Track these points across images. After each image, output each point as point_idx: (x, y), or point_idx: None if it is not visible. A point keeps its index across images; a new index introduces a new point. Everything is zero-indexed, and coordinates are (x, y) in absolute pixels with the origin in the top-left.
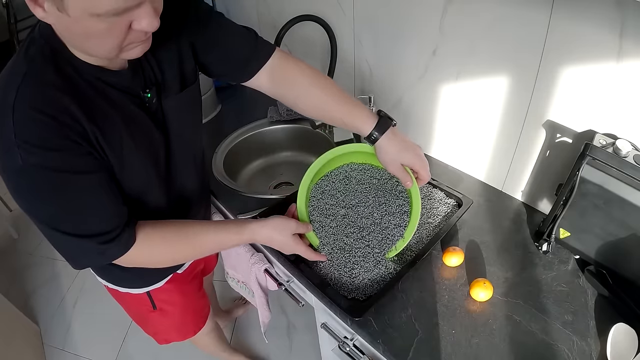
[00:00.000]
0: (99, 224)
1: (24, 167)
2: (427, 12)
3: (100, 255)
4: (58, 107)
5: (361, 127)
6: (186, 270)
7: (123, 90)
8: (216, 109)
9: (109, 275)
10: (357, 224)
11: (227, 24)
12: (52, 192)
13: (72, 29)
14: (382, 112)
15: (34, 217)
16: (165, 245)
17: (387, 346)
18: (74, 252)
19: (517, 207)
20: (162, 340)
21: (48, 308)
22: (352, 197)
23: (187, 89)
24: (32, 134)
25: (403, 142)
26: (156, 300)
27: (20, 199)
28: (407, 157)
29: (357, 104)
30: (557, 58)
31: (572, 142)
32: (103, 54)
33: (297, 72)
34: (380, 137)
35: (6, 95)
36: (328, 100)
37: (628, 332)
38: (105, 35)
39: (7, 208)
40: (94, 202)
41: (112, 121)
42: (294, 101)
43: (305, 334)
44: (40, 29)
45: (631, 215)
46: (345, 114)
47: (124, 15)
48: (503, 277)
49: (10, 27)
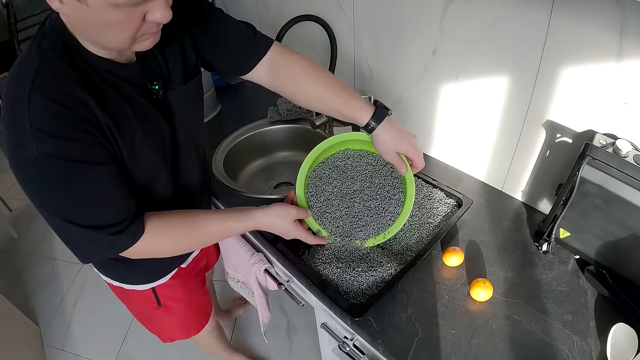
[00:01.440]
0: (109, 215)
1: (38, 157)
2: (427, 12)
3: (110, 246)
4: (72, 98)
5: (359, 117)
6: (190, 264)
7: (132, 83)
8: (216, 109)
9: (114, 273)
10: (354, 208)
11: (226, 19)
12: (65, 182)
13: (90, 19)
14: (379, 102)
15: (44, 208)
16: (173, 235)
17: (387, 346)
18: (83, 244)
19: (517, 207)
20: (166, 338)
21: (48, 308)
22: (349, 183)
23: (190, 82)
24: (47, 123)
25: (399, 132)
26: (161, 297)
27: (32, 190)
28: (402, 146)
29: (354, 95)
30: (557, 58)
31: (572, 142)
32: (117, 45)
33: (295, 65)
34: (377, 127)
35: (21, 87)
36: (326, 93)
37: (628, 332)
38: (121, 26)
39: (7, 208)
40: (105, 193)
41: (124, 112)
42: (293, 94)
43: (305, 334)
44: (50, 23)
45: (631, 215)
46: (342, 105)
47: (140, 6)
48: (503, 277)
49: (10, 27)
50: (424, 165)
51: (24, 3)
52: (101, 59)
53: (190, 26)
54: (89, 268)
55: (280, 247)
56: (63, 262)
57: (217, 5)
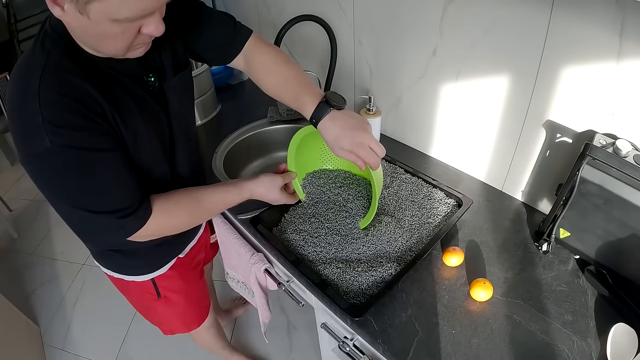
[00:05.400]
0: (120, 199)
1: (52, 148)
2: (427, 13)
3: (121, 229)
4: (79, 91)
5: (305, 113)
6: (188, 255)
7: (130, 76)
8: (216, 109)
9: (115, 264)
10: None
11: (208, 12)
12: (77, 170)
13: (89, 30)
14: (327, 95)
15: (57, 198)
16: (180, 211)
17: (387, 346)
18: (96, 230)
19: (517, 207)
20: (167, 330)
21: (48, 308)
22: (335, 195)
23: (181, 73)
24: (58, 116)
25: (342, 129)
26: (160, 288)
27: (45, 181)
28: (345, 143)
29: (309, 90)
30: (557, 58)
31: (572, 142)
32: (112, 53)
33: (263, 57)
34: (318, 123)
35: (29, 84)
36: (281, 86)
37: (628, 332)
38: (117, 37)
39: (7, 208)
40: (115, 178)
41: (126, 103)
42: (258, 82)
43: (305, 334)
44: (51, 23)
45: (631, 215)
46: (292, 100)
47: (137, 22)
48: (503, 277)
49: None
50: (380, 157)
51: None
52: (99, 57)
53: (178, 23)
54: (89, 268)
55: (280, 248)
56: (63, 262)
57: (218, 6)
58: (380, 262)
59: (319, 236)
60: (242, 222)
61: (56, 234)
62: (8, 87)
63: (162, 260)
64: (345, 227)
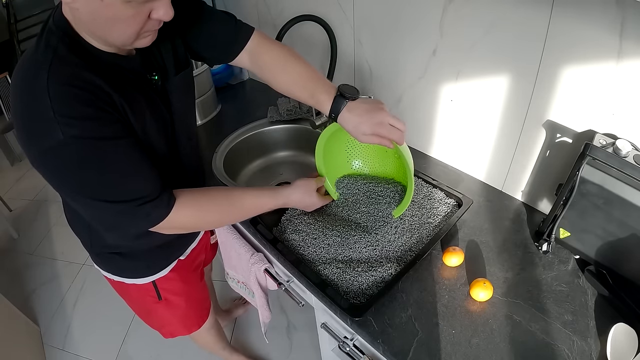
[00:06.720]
0: (140, 186)
1: (66, 140)
2: (427, 12)
3: (146, 217)
4: (87, 81)
5: (323, 109)
6: (188, 257)
7: (134, 73)
8: (216, 109)
9: (115, 267)
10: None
11: (208, 10)
12: (93, 159)
13: (100, 14)
14: (340, 88)
15: (75, 192)
16: (214, 206)
17: (387, 346)
18: (120, 220)
19: (517, 207)
20: (167, 333)
21: (48, 308)
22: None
23: (182, 72)
24: (69, 107)
25: (359, 116)
26: (161, 290)
27: (63, 176)
28: (366, 129)
29: (322, 86)
30: (557, 58)
31: (572, 142)
32: (122, 40)
33: (270, 54)
34: (337, 117)
35: (38, 79)
36: (294, 84)
37: (628, 332)
38: (129, 21)
39: (7, 208)
40: (132, 164)
41: (134, 96)
42: (268, 81)
43: (305, 334)
44: (54, 20)
45: (631, 215)
46: (308, 97)
47: (148, 4)
48: (503, 277)
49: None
50: (403, 131)
51: (24, 3)
52: (105, 52)
53: (179, 22)
54: (89, 268)
55: (280, 247)
56: (63, 262)
57: (218, 6)
58: (380, 262)
59: (318, 237)
60: (242, 222)
61: (56, 234)
62: (12, 90)
63: (164, 262)
64: (378, 219)
